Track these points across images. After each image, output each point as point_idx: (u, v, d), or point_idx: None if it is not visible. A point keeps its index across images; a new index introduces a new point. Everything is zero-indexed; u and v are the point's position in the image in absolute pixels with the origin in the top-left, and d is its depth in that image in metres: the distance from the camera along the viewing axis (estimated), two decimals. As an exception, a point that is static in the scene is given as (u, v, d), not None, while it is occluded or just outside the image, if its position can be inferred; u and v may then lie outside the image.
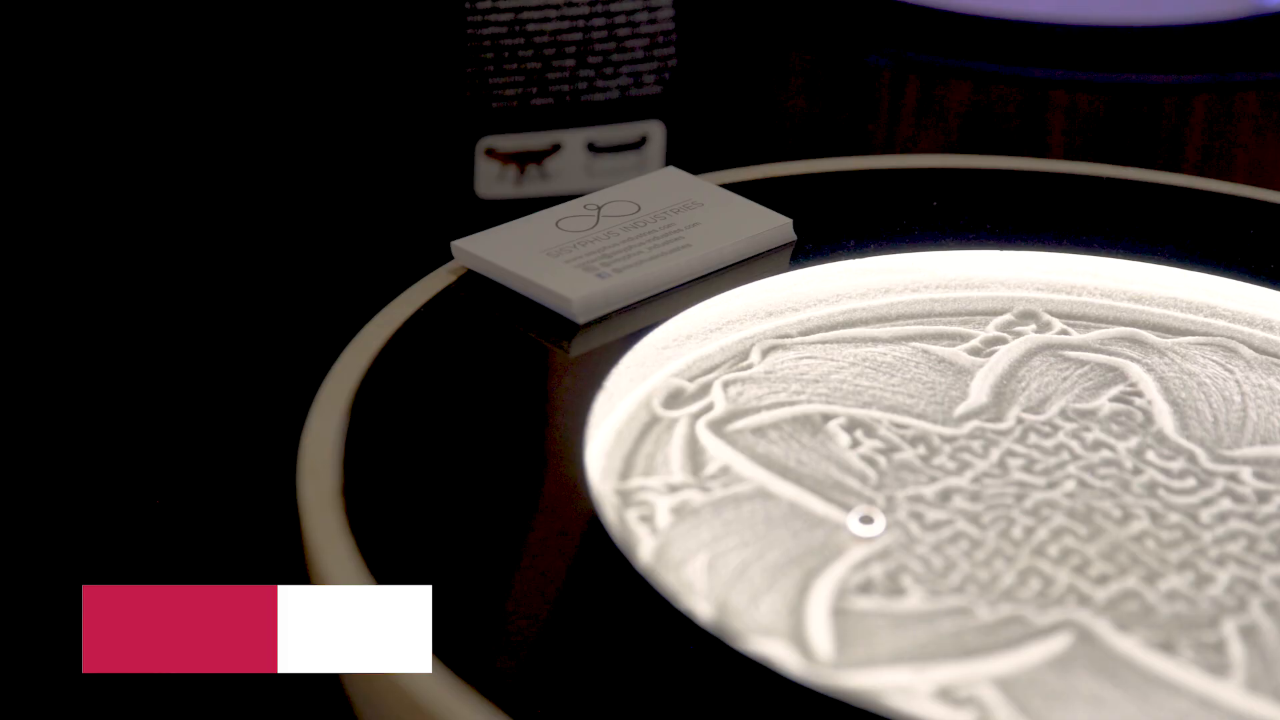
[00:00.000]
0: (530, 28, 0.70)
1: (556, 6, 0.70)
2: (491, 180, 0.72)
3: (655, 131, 0.73)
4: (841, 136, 0.75)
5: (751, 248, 0.58)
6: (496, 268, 0.56)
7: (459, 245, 0.57)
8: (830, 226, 0.60)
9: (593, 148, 0.73)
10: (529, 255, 0.56)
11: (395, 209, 0.72)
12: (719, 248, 0.57)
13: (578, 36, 0.71)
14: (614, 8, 0.71)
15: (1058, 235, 0.61)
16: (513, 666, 0.43)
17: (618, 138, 0.73)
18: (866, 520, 0.49)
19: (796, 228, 0.60)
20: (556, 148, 0.72)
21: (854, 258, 0.59)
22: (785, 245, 0.59)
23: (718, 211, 0.59)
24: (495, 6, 0.69)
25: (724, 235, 0.58)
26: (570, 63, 0.71)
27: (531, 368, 0.53)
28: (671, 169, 0.61)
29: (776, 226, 0.59)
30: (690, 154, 0.74)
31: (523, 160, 0.72)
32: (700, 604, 0.46)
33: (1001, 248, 0.60)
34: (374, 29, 0.69)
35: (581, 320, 0.55)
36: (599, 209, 0.59)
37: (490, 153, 0.72)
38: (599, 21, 0.71)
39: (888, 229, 0.61)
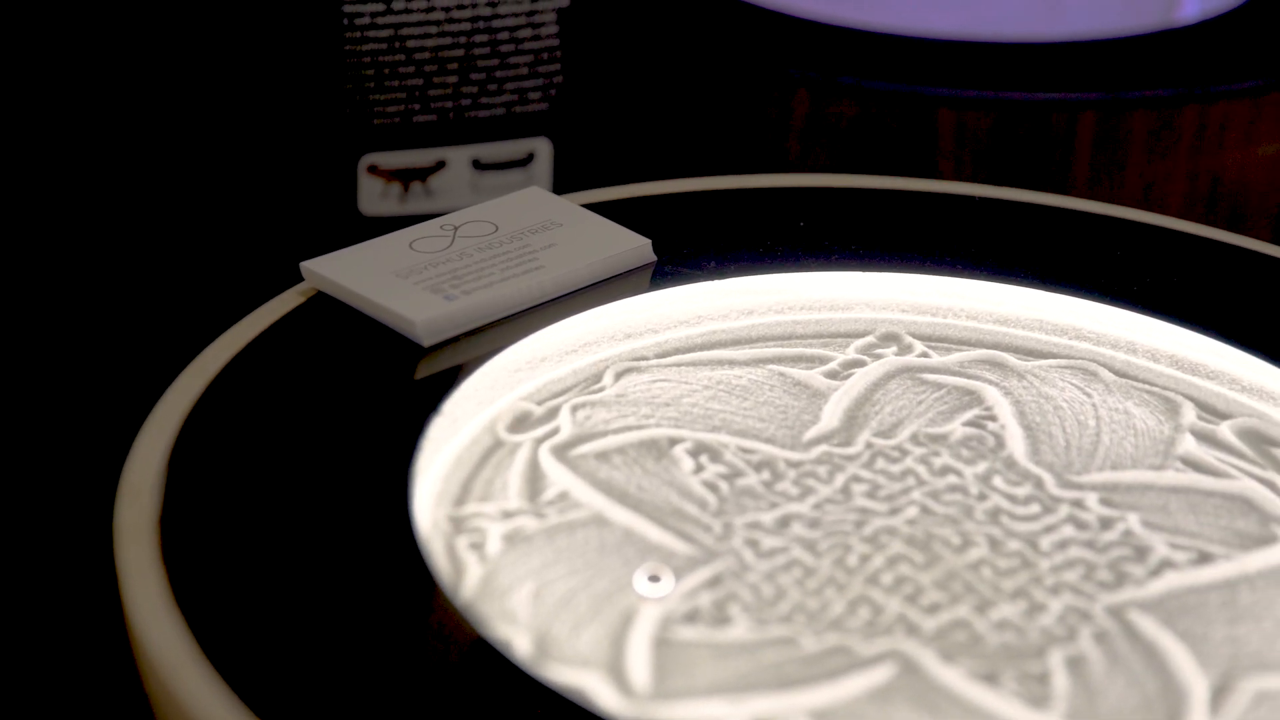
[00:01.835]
0: (410, 44, 0.70)
1: (437, 23, 0.70)
2: (375, 198, 0.71)
3: (542, 148, 0.72)
4: (732, 153, 0.75)
5: (608, 269, 0.58)
6: (344, 289, 0.55)
7: (308, 266, 0.56)
8: (697, 246, 0.60)
9: (478, 164, 0.72)
10: (377, 276, 0.55)
11: (277, 226, 0.71)
12: (573, 269, 0.57)
13: (460, 53, 0.70)
14: (496, 24, 0.70)
15: (925, 256, 0.60)
16: (316, 702, 0.42)
17: (504, 154, 0.72)
18: (654, 579, 0.47)
19: (664, 248, 0.59)
20: (441, 165, 0.72)
21: (719, 278, 0.59)
22: (645, 266, 0.59)
23: (576, 232, 0.58)
24: (374, 23, 0.69)
25: (579, 256, 0.57)
26: (453, 79, 0.70)
27: (373, 392, 0.53)
28: (534, 189, 0.61)
29: (634, 247, 0.58)
30: (579, 171, 0.73)
31: (406, 177, 0.71)
32: (520, 634, 0.46)
33: (868, 269, 0.60)
34: (252, 43, 0.68)
35: (427, 343, 0.54)
36: (455, 229, 0.58)
37: (373, 170, 0.71)
38: (481, 38, 0.70)
39: (755, 249, 0.60)
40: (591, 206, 0.61)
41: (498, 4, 0.70)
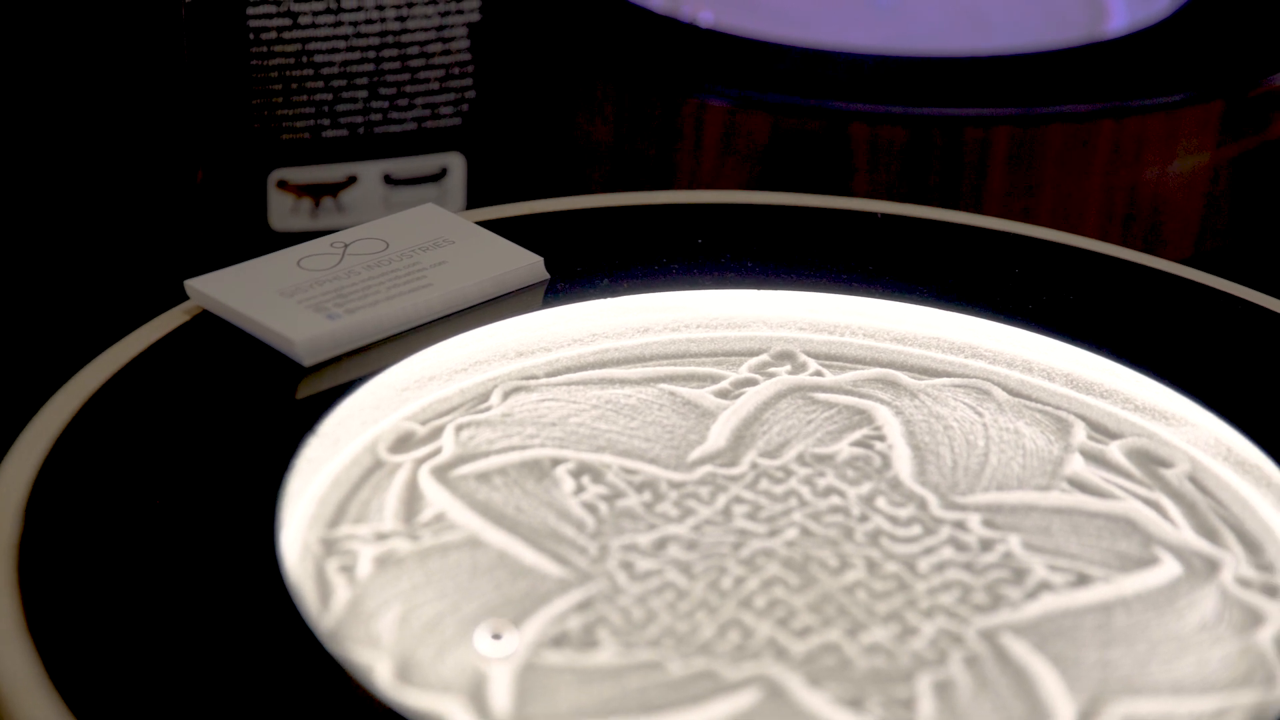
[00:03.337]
0: (318, 59, 0.69)
1: (345, 37, 0.69)
2: (285, 213, 0.71)
3: (455, 163, 0.72)
4: (648, 169, 0.74)
5: (498, 287, 0.57)
6: (226, 307, 0.55)
7: (192, 284, 0.55)
8: (595, 264, 0.59)
9: (390, 180, 0.71)
10: (261, 295, 0.55)
11: (187, 242, 0.70)
12: (461, 287, 0.56)
13: (369, 68, 0.70)
14: (405, 39, 0.70)
15: (824, 274, 0.60)
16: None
17: (416, 170, 0.72)
18: (496, 637, 0.46)
19: (561, 264, 0.59)
20: (352, 180, 0.71)
21: (615, 296, 0.58)
22: (538, 284, 0.58)
23: (467, 250, 0.58)
24: (280, 37, 0.68)
25: (468, 274, 0.57)
26: (362, 94, 0.70)
27: (251, 412, 0.52)
28: (430, 205, 0.60)
29: (526, 265, 0.58)
30: (493, 186, 0.73)
31: (317, 193, 0.71)
32: (382, 659, 0.45)
33: (766, 286, 0.59)
34: (156, 56, 0.68)
35: (308, 362, 0.53)
36: (345, 247, 0.58)
37: (282, 185, 0.70)
38: (390, 53, 0.70)
39: (652, 267, 0.60)
40: (488, 224, 0.60)
41: (407, 19, 0.69)
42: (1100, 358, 0.56)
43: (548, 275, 0.58)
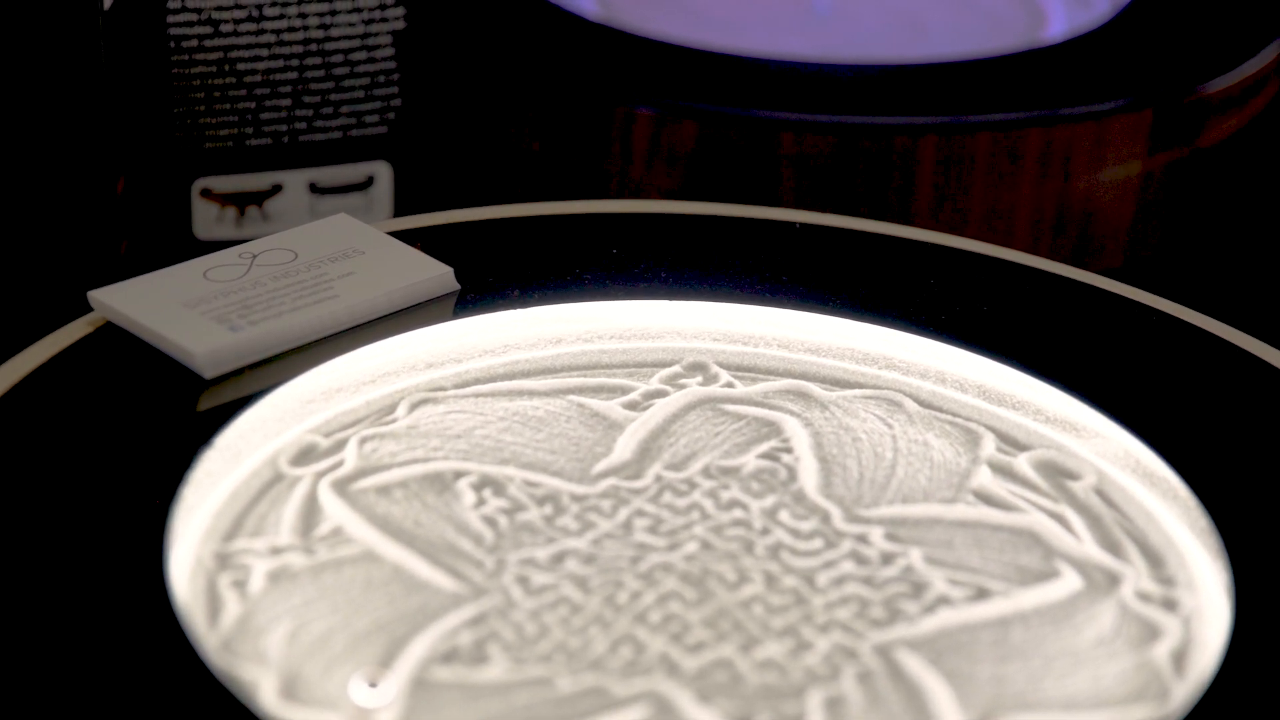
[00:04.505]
0: (240, 67, 0.69)
1: (268, 45, 0.69)
2: (210, 222, 0.70)
3: (382, 172, 0.71)
4: (576, 177, 0.74)
5: (407, 298, 0.57)
6: (129, 319, 0.54)
7: (95, 295, 0.55)
8: (508, 274, 0.59)
9: (315, 188, 0.71)
10: (164, 306, 0.54)
11: (108, 252, 0.70)
12: (369, 298, 0.56)
13: (292, 76, 0.69)
14: (329, 47, 0.69)
15: (740, 284, 0.59)
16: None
17: (342, 178, 0.71)
18: (372, 685, 0.45)
19: (475, 275, 0.58)
20: (277, 188, 0.71)
21: (528, 306, 0.58)
22: (448, 294, 0.58)
23: (376, 260, 0.57)
24: (201, 45, 0.68)
25: (376, 285, 0.56)
26: (286, 102, 0.70)
27: (150, 426, 0.52)
28: (342, 215, 0.60)
29: (435, 276, 0.57)
30: (420, 195, 0.72)
31: (241, 202, 0.70)
32: (268, 675, 0.45)
33: (681, 297, 0.59)
34: (76, 63, 0.68)
35: (209, 375, 0.53)
36: (254, 257, 0.57)
37: (206, 194, 0.70)
38: (314, 61, 0.69)
39: (566, 277, 0.59)
40: (403, 234, 0.60)
41: (330, 27, 0.69)
42: (1013, 369, 0.56)
43: (458, 286, 0.58)
